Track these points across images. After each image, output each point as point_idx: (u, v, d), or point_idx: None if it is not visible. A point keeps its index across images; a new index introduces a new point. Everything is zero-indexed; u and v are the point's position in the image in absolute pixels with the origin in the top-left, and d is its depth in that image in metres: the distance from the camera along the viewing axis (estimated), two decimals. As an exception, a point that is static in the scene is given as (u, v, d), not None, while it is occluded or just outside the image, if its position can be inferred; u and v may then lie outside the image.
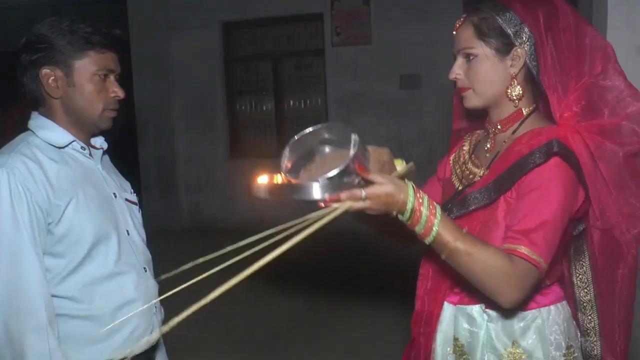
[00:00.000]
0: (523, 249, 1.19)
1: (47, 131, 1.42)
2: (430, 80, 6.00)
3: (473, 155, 1.45)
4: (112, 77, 1.45)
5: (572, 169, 1.24)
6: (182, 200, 6.99)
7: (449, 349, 1.41)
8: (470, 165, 1.43)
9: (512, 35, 1.29)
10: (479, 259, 1.17)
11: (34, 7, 7.62)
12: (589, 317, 1.38)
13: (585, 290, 1.38)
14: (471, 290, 1.29)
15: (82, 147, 1.46)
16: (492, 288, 1.19)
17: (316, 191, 1.12)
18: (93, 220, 1.40)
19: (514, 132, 1.34)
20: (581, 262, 1.40)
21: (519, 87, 1.32)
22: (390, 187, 1.14)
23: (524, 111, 1.35)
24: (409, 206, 1.15)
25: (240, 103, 7.01)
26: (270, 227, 1.25)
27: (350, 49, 6.30)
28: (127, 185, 1.64)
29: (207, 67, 6.75)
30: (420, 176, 1.43)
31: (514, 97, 1.33)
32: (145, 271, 1.53)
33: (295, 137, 1.26)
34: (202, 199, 6.94)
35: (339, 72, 6.36)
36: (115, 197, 1.51)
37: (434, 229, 1.16)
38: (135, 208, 1.60)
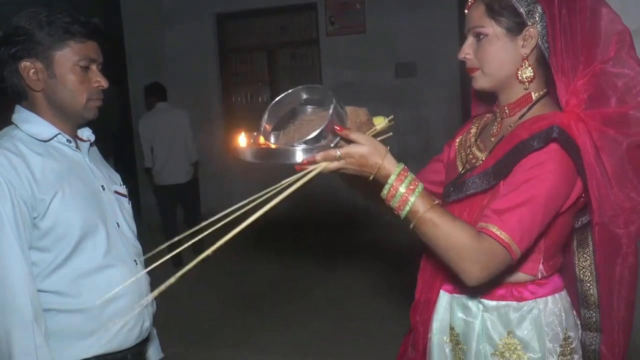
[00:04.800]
0: (492, 228, 1.17)
1: (30, 124, 1.40)
2: (425, 68, 5.97)
3: (479, 139, 1.41)
4: (94, 67, 1.42)
5: (569, 157, 1.19)
6: (179, 194, 6.95)
7: (445, 337, 1.40)
8: (474, 149, 1.40)
9: (524, 14, 1.23)
10: (445, 230, 1.16)
11: (25, 1, 7.55)
12: (591, 312, 1.34)
13: (589, 284, 1.33)
14: None
15: (67, 140, 1.44)
16: (455, 262, 1.17)
17: (293, 155, 1.14)
18: (80, 214, 1.38)
19: (521, 117, 1.29)
20: (585, 256, 1.36)
21: (530, 68, 1.26)
22: (365, 148, 1.15)
23: (533, 95, 1.29)
24: (390, 181, 1.16)
25: (235, 94, 6.98)
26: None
27: (345, 38, 6.25)
28: (117, 177, 1.61)
29: (201, 59, 6.71)
30: (415, 164, 1.42)
31: (525, 79, 1.27)
32: (136, 264, 1.51)
33: (276, 99, 1.28)
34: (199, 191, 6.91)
35: (333, 61, 6.33)
36: (104, 189, 1.49)
37: (408, 203, 1.15)
38: (125, 200, 1.58)
